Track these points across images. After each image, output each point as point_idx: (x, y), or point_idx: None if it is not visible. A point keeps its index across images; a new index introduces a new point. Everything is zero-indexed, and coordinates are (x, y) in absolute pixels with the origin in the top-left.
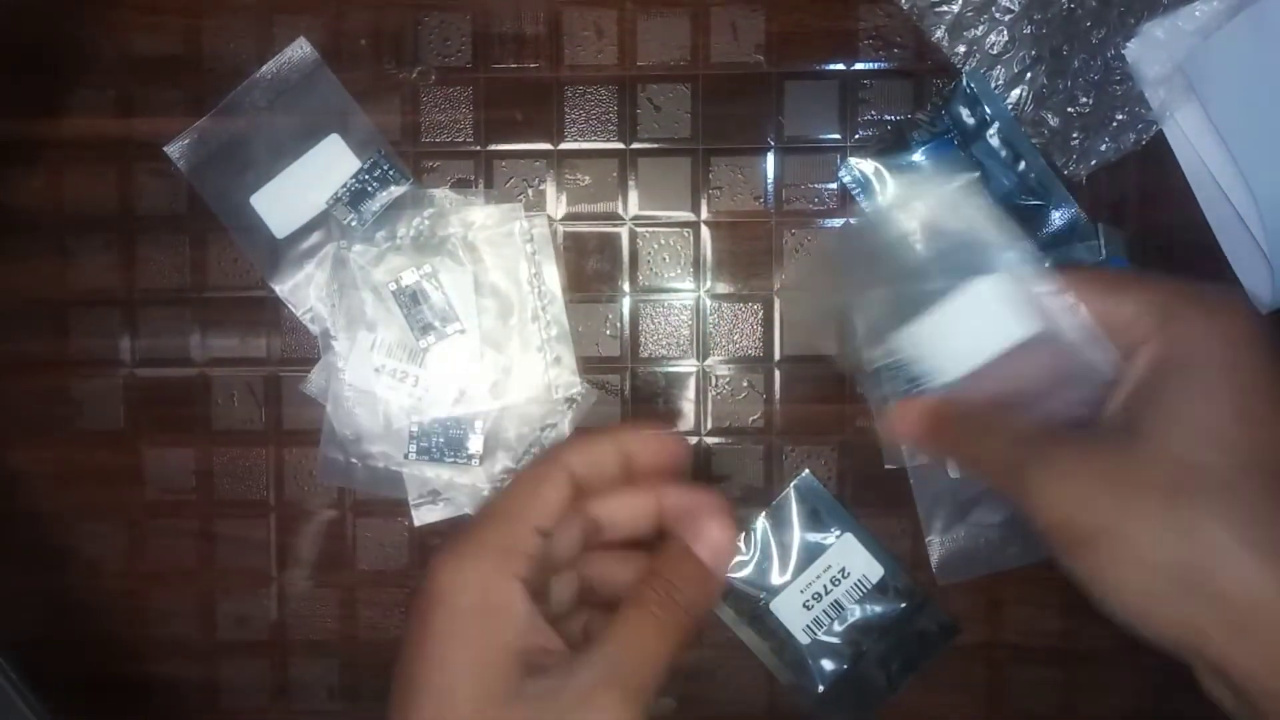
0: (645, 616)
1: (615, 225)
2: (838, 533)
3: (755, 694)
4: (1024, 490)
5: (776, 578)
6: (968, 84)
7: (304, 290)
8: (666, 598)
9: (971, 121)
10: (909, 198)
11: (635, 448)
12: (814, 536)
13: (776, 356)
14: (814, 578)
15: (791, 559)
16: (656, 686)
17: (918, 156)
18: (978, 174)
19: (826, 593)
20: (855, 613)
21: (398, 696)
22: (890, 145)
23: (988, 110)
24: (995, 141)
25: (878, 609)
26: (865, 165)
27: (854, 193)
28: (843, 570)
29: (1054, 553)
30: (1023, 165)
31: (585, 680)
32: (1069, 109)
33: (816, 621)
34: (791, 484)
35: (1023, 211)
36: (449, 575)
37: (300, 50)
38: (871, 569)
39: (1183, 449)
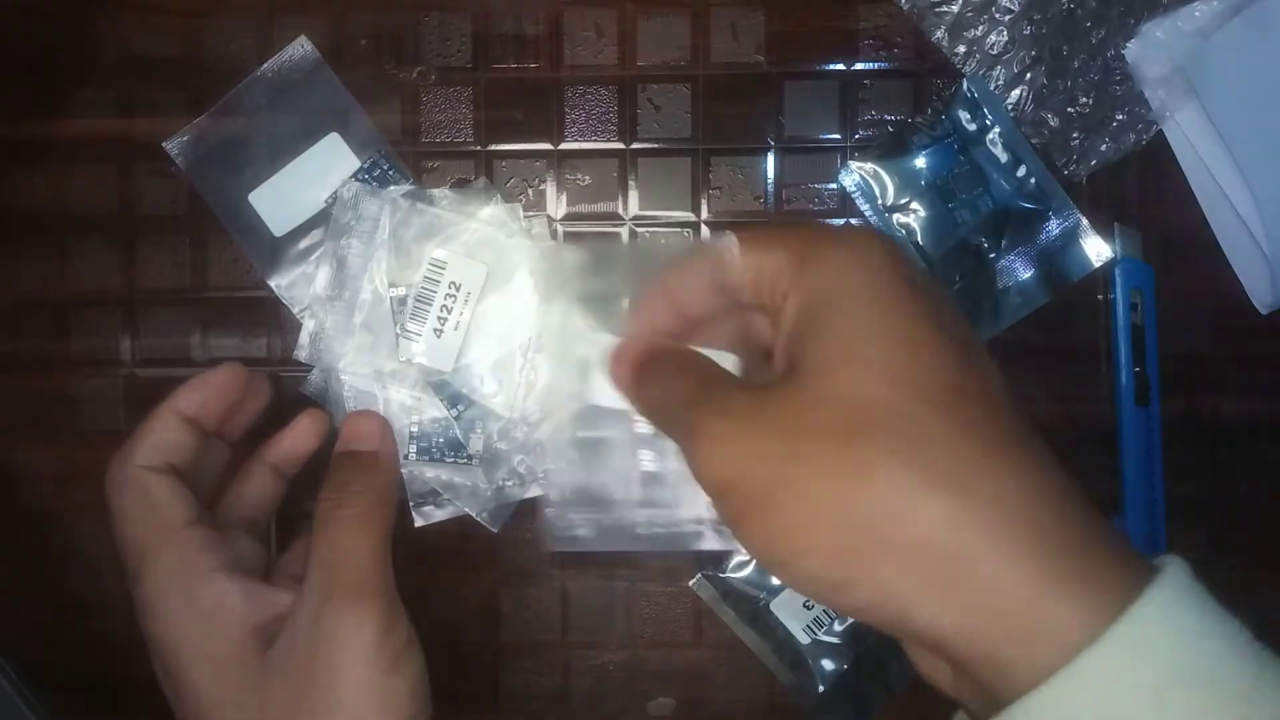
0: (328, 523)
1: (615, 225)
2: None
3: (755, 694)
4: (694, 439)
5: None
6: (968, 88)
7: (302, 289)
8: (339, 495)
9: (972, 126)
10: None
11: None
12: None
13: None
14: None
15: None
16: (379, 578)
17: (919, 161)
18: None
19: None
20: None
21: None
22: (890, 149)
23: (988, 114)
24: (996, 146)
25: None
26: (865, 169)
27: (854, 196)
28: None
29: (726, 522)
30: (1023, 170)
31: (306, 608)
32: (1069, 109)
33: (816, 621)
34: None
35: (1023, 215)
36: (116, 498)
37: (301, 49)
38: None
39: (847, 386)
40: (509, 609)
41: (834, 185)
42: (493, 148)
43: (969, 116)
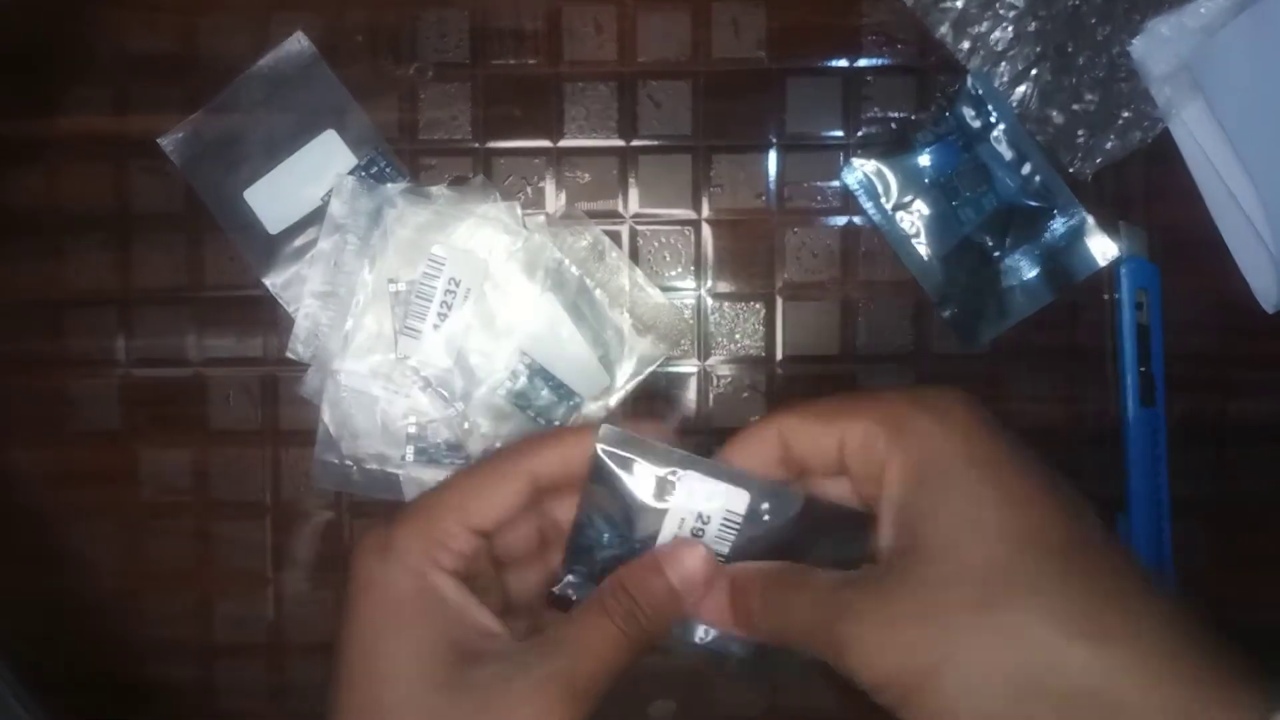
0: (605, 623)
1: (615, 223)
2: (674, 476)
3: (756, 696)
4: (842, 652)
5: None
6: (973, 85)
7: (298, 287)
8: (629, 609)
9: (976, 123)
10: None
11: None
12: (647, 498)
13: (778, 356)
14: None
15: (635, 533)
16: (600, 697)
17: (923, 159)
18: None
19: None
20: (742, 552)
21: (334, 692)
22: (894, 146)
23: (992, 111)
24: (1000, 144)
25: (761, 536)
26: (868, 166)
27: (857, 195)
28: (700, 516)
29: (890, 708)
30: (1028, 167)
31: (534, 672)
32: (1074, 106)
33: None
34: (597, 446)
35: (1027, 213)
36: (375, 566)
37: (297, 45)
38: (733, 498)
39: (976, 556)
40: None
41: (836, 183)
42: (491, 145)
43: (973, 113)
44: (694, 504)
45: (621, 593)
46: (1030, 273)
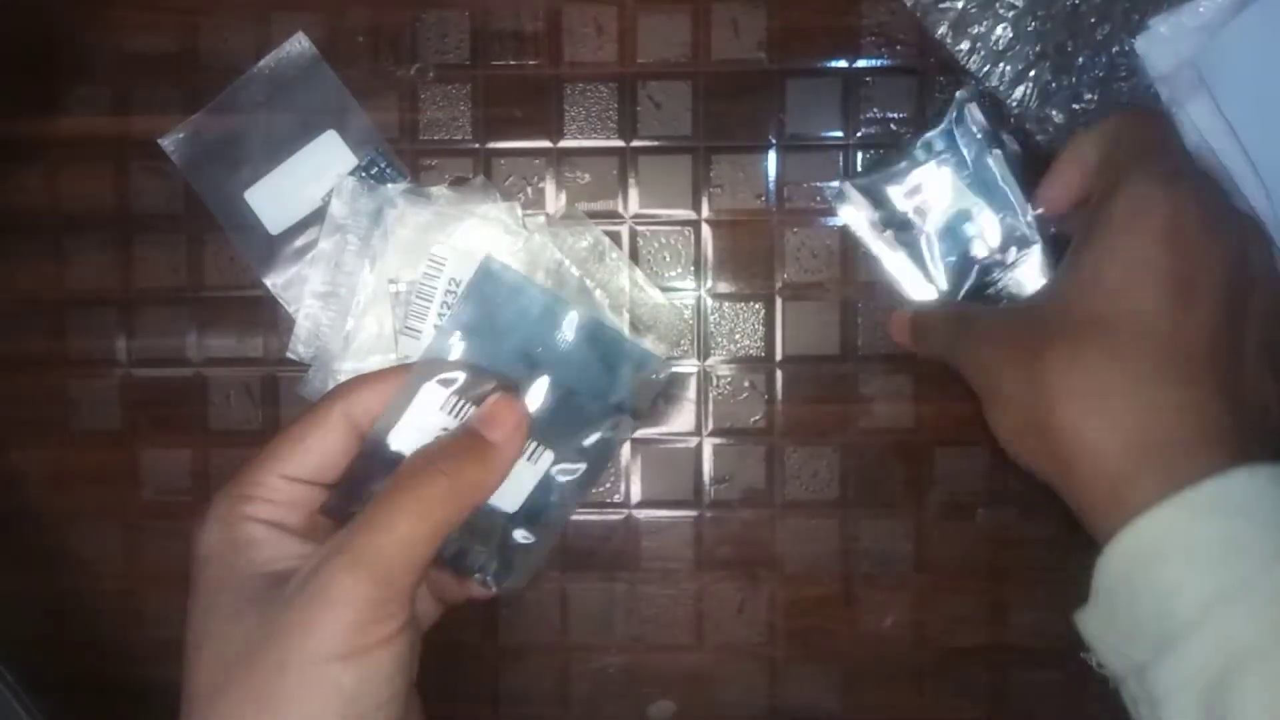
0: (398, 491)
1: (615, 223)
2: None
3: (756, 697)
4: (958, 362)
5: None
6: (967, 103)
7: (299, 287)
8: (426, 467)
9: (973, 146)
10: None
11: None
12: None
13: (778, 356)
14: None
15: None
16: (416, 570)
17: (918, 177)
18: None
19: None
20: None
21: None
22: (888, 164)
23: (991, 129)
24: (1000, 162)
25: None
26: (860, 185)
27: (850, 228)
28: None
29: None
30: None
31: (324, 565)
32: (1074, 106)
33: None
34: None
35: (1027, 231)
36: (194, 533)
37: (298, 46)
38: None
39: (1068, 302)
40: (508, 611)
41: (836, 183)
42: (491, 145)
43: (971, 131)
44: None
45: (417, 454)
46: (1032, 290)
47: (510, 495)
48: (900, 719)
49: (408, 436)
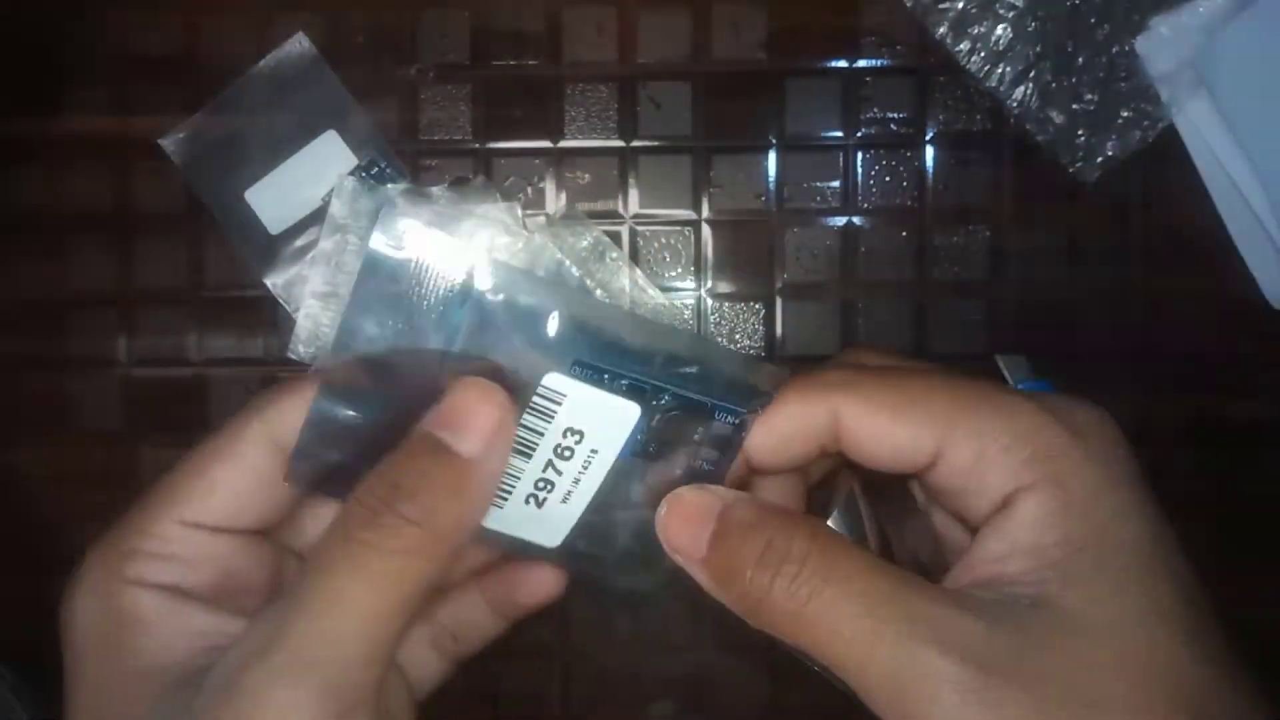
0: (342, 553)
1: (615, 224)
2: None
3: (756, 699)
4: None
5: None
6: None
7: (299, 287)
8: (385, 512)
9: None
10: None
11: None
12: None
13: (778, 356)
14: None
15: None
16: (380, 662)
17: None
18: None
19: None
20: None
21: None
22: None
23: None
24: None
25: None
26: None
27: None
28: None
29: None
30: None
31: (251, 669)
32: (1074, 106)
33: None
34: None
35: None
36: (68, 596)
37: (298, 46)
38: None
39: (1146, 648)
40: None
41: (836, 183)
42: (491, 145)
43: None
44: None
45: (371, 485)
46: None
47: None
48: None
49: None
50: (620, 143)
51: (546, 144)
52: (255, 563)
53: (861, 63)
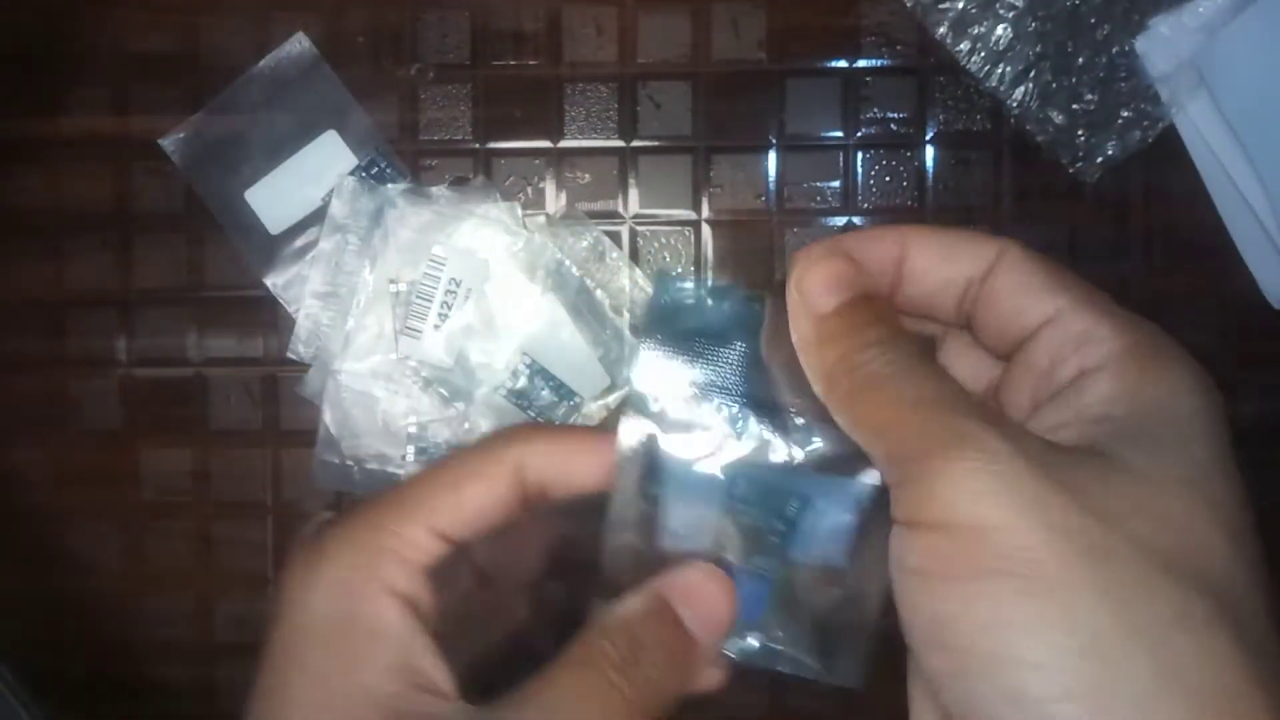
0: (593, 681)
1: (615, 224)
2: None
3: (757, 698)
4: (930, 494)
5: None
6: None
7: (299, 287)
8: (630, 663)
9: None
10: None
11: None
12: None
13: None
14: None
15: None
16: None
17: None
18: None
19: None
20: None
21: None
22: None
23: None
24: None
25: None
26: None
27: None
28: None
29: (912, 597)
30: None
31: None
32: (1074, 106)
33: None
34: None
35: None
36: (298, 579)
37: (298, 46)
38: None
39: (1182, 514)
40: None
41: (836, 183)
42: (491, 145)
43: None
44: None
45: (619, 635)
46: None
47: None
48: (903, 719)
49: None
50: (620, 143)
51: (546, 144)
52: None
53: (861, 63)
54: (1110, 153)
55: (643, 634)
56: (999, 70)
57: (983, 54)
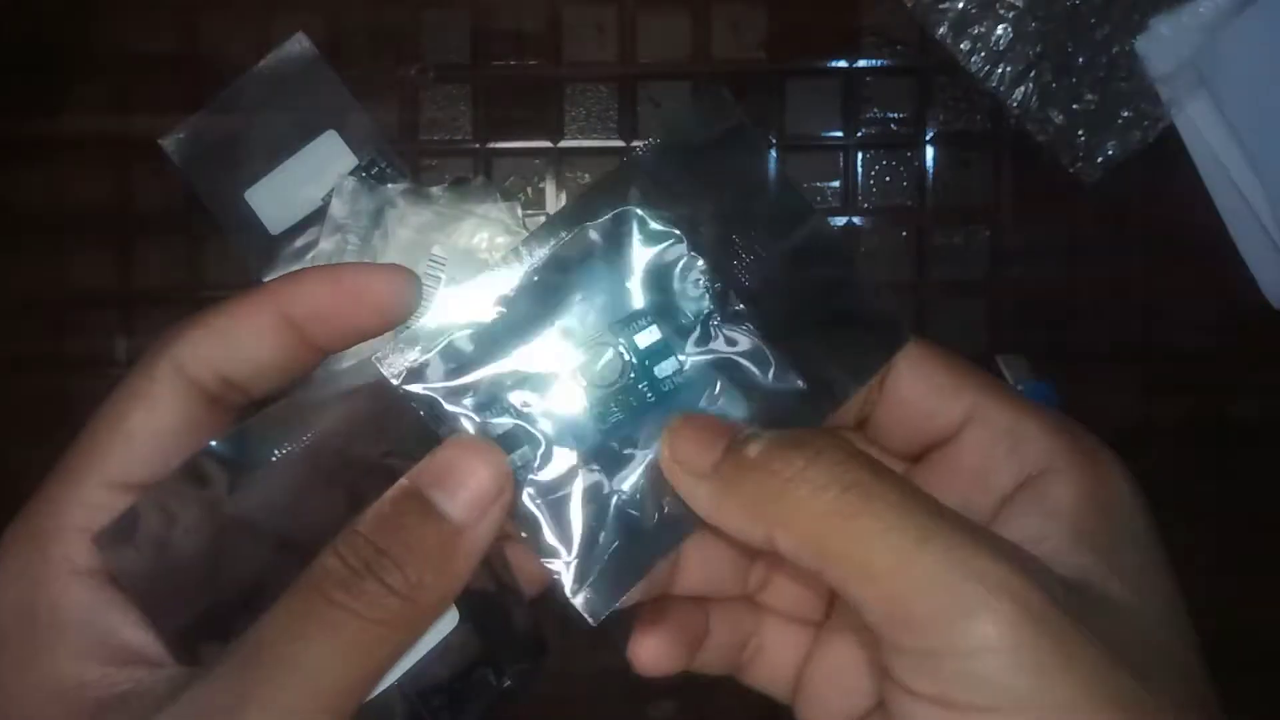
0: (313, 608)
1: None
2: None
3: (757, 698)
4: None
5: None
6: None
7: None
8: (361, 576)
9: None
10: None
11: (307, 300)
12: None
13: None
14: None
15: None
16: None
17: None
18: None
19: None
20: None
21: None
22: None
23: None
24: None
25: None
26: None
27: None
28: None
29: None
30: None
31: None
32: (1074, 106)
33: None
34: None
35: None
36: None
37: (299, 45)
38: None
39: (1153, 631)
40: None
41: (837, 183)
42: (491, 145)
43: None
44: None
45: (352, 542)
46: None
47: None
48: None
49: None
50: (620, 143)
51: (546, 144)
52: None
53: (861, 63)
54: (1110, 153)
55: (384, 537)
56: (999, 70)
57: (983, 54)
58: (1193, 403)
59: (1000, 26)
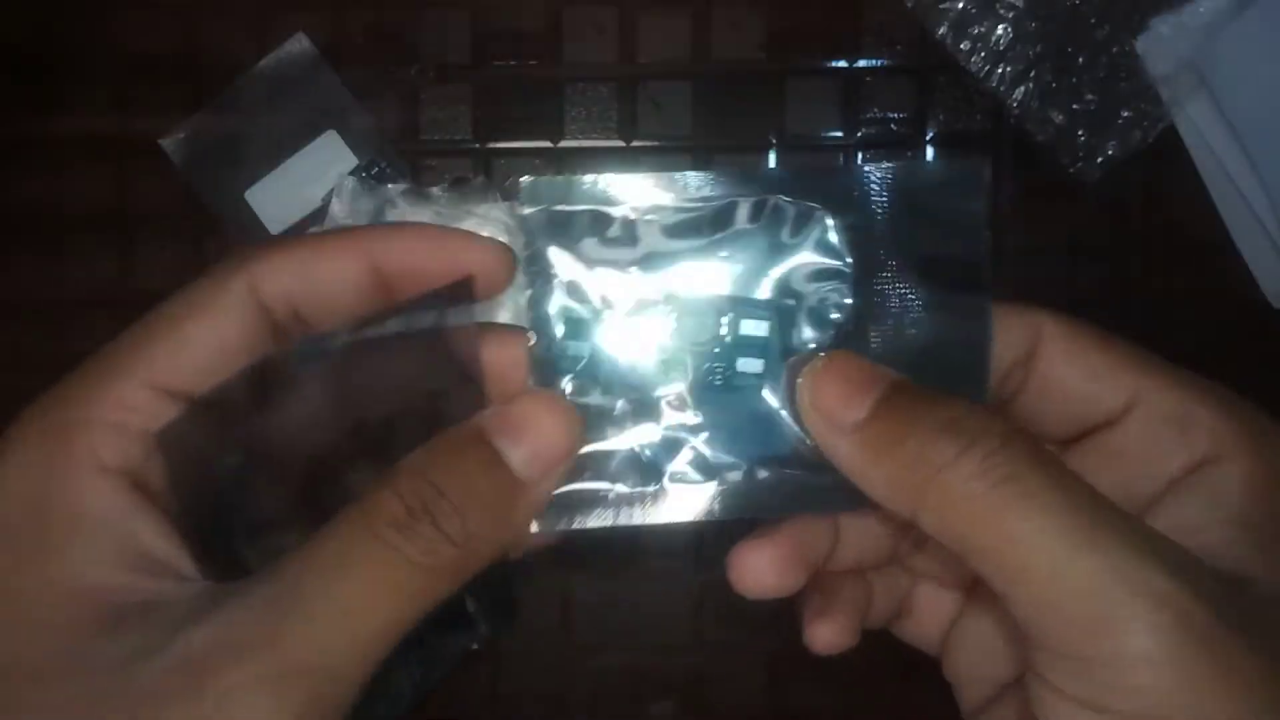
0: (363, 543)
1: None
2: None
3: (756, 698)
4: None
5: None
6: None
7: None
8: (417, 518)
9: None
10: None
11: (402, 254)
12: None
13: None
14: None
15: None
16: (366, 678)
17: None
18: None
19: None
20: None
21: None
22: None
23: None
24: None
25: None
26: None
27: None
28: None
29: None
30: None
31: (226, 666)
32: (1074, 106)
33: None
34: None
35: None
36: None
37: (299, 46)
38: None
39: None
40: None
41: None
42: (492, 146)
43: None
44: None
45: (408, 479)
46: None
47: None
48: (903, 718)
49: None
50: (620, 143)
51: (546, 144)
52: None
53: (861, 63)
54: (1110, 153)
55: (445, 480)
56: (999, 70)
57: (983, 54)
58: None
59: (1000, 26)
